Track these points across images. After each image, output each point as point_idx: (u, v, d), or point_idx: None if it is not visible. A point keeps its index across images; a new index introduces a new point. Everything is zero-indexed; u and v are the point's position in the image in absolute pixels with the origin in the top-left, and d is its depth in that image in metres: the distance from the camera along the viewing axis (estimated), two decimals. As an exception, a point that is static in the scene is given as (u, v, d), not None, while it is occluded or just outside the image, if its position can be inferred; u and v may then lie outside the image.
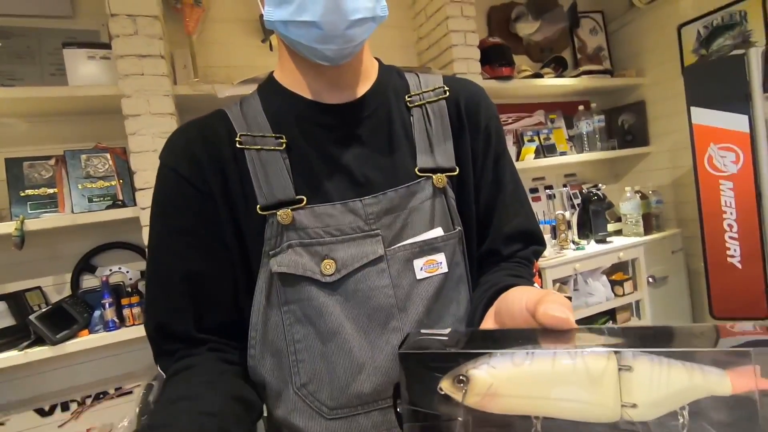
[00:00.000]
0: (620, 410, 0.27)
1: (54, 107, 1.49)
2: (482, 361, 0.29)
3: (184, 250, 0.49)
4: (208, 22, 1.81)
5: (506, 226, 0.56)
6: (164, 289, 0.48)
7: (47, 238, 1.53)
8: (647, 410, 0.27)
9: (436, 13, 1.98)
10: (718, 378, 0.26)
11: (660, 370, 0.27)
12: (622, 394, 0.27)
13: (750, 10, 2.01)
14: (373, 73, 0.56)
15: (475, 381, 0.29)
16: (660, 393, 0.27)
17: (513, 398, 0.29)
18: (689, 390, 0.27)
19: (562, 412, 0.28)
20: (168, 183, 0.49)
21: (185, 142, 0.50)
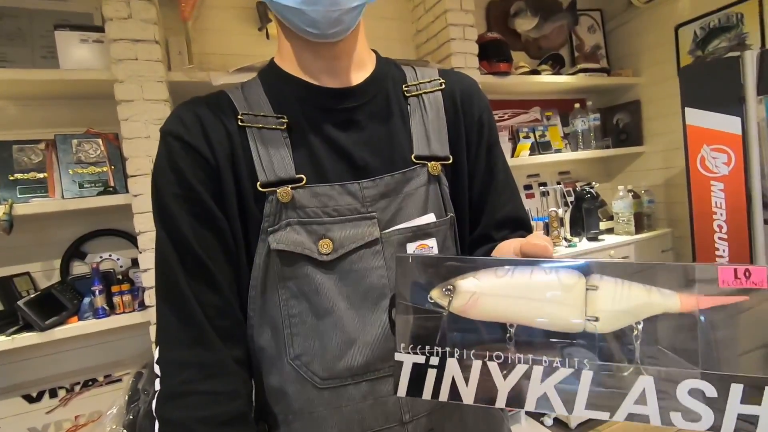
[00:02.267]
0: (584, 323, 0.32)
1: (45, 90, 1.46)
2: (469, 274, 0.34)
3: (197, 226, 0.48)
4: (204, 8, 1.78)
5: (498, 213, 0.58)
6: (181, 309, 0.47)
7: (36, 224, 1.51)
8: (607, 324, 0.32)
9: (435, 5, 1.97)
10: (670, 297, 0.30)
11: (622, 289, 0.31)
12: (587, 309, 0.32)
13: (747, 12, 2.02)
14: (371, 63, 0.57)
15: (460, 290, 0.33)
16: (620, 307, 0.31)
17: (492, 306, 0.33)
18: (646, 306, 0.31)
19: (534, 321, 0.33)
20: (173, 151, 0.48)
21: (193, 113, 0.50)
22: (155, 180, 0.49)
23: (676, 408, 0.30)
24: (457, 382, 0.34)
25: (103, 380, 1.58)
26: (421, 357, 0.34)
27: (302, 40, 0.50)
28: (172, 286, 0.47)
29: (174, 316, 0.47)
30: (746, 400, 0.29)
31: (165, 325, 0.48)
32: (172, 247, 0.47)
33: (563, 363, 0.32)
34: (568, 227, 2.18)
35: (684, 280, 0.31)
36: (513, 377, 0.33)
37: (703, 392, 0.30)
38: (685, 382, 0.30)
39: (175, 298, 0.47)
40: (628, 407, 0.31)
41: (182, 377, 0.46)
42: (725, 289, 0.29)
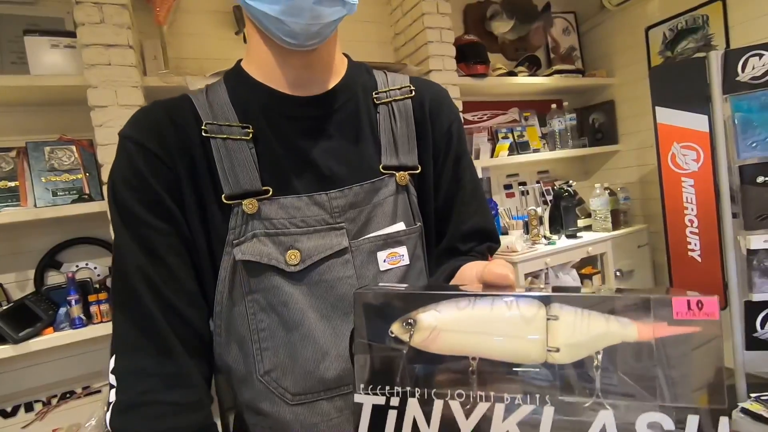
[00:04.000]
0: (546, 354, 0.31)
1: (15, 97, 1.43)
2: (430, 307, 0.33)
3: (157, 230, 0.46)
4: (180, 12, 1.77)
5: (464, 225, 0.58)
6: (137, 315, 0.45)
7: (8, 233, 1.47)
8: (568, 354, 0.31)
9: (413, 9, 1.99)
10: (628, 327, 0.31)
11: (582, 318, 0.31)
12: (548, 340, 0.31)
13: (711, 14, 2.10)
14: (342, 69, 0.56)
15: (421, 324, 0.33)
16: (580, 338, 0.31)
17: (453, 339, 0.33)
18: (605, 335, 0.31)
19: (496, 354, 0.32)
20: (134, 156, 0.46)
21: (153, 120, 0.48)
22: (113, 185, 0.47)
23: None
24: (418, 424, 0.33)
25: (82, 392, 1.55)
26: (381, 398, 0.33)
27: (276, 47, 0.49)
28: (131, 293, 0.45)
29: (133, 324, 0.45)
30: (702, 431, 0.29)
31: (123, 333, 0.45)
32: (132, 253, 0.45)
33: (525, 399, 0.31)
34: (547, 225, 2.22)
35: (641, 310, 0.31)
36: (475, 416, 0.32)
37: (661, 425, 0.29)
38: (644, 415, 0.30)
39: (135, 306, 0.45)
40: None
41: (142, 387, 0.44)
42: (683, 321, 0.30)
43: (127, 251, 0.46)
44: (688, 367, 0.30)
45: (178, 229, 0.47)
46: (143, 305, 0.45)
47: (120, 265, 0.46)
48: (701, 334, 0.30)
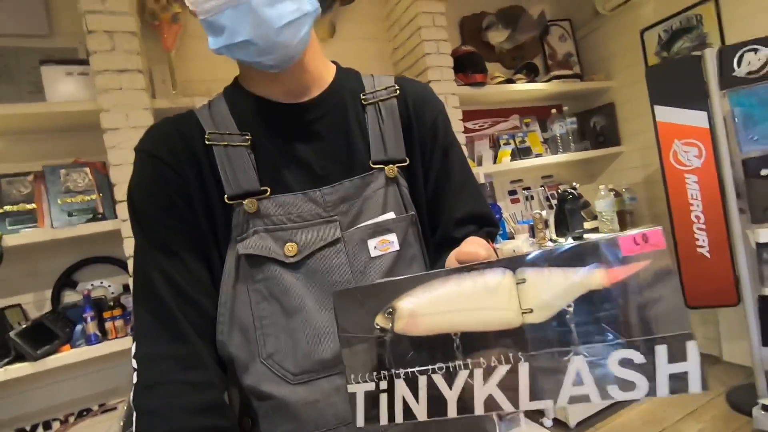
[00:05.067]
0: (521, 316, 0.33)
1: (32, 124, 1.50)
2: (405, 294, 0.35)
3: (171, 229, 0.51)
4: (186, 37, 1.84)
5: (457, 212, 0.60)
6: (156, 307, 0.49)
7: (27, 255, 1.52)
8: (541, 313, 0.33)
9: (409, 23, 2.05)
10: (590, 275, 0.32)
11: (547, 277, 0.33)
12: (520, 302, 0.33)
13: (705, 14, 2.13)
14: (329, 76, 0.60)
15: (400, 310, 0.35)
16: (549, 295, 0.33)
17: (432, 321, 0.34)
18: (571, 288, 0.32)
19: (475, 326, 0.34)
20: (148, 166, 0.52)
21: (163, 133, 0.54)
22: (132, 193, 0.52)
23: (611, 381, 0.31)
24: (408, 402, 0.34)
25: (98, 409, 1.57)
26: (371, 384, 0.35)
27: (262, 71, 0.53)
28: (149, 285, 0.50)
29: (152, 314, 0.49)
30: (673, 359, 0.30)
31: (142, 322, 0.50)
32: (150, 251, 0.50)
33: (500, 361, 0.33)
34: (553, 228, 2.22)
35: (599, 257, 0.32)
36: (457, 385, 0.34)
37: (632, 360, 0.31)
38: (614, 353, 0.31)
39: (153, 298, 0.49)
40: (568, 391, 0.32)
41: (159, 369, 0.48)
42: (632, 256, 0.31)
43: (145, 249, 0.51)
44: (650, 300, 0.31)
45: (189, 227, 0.52)
46: (160, 296, 0.49)
47: (139, 262, 0.51)
48: (653, 266, 0.31)
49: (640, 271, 0.31)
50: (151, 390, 0.47)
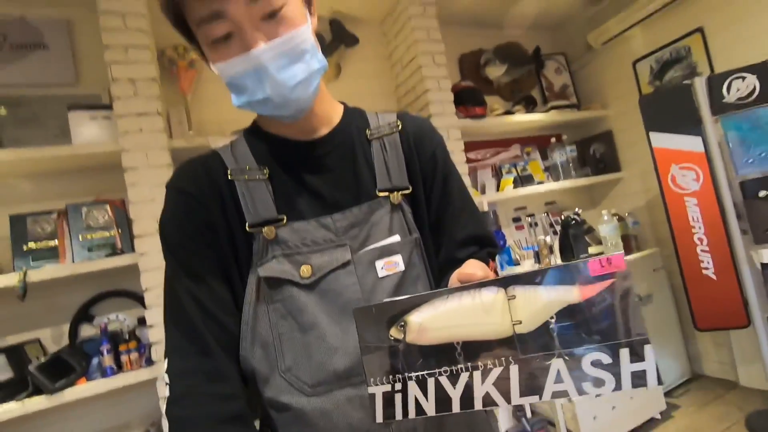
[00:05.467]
0: (512, 327, 0.39)
1: (57, 166, 1.59)
2: (415, 310, 0.41)
3: (198, 255, 0.56)
4: (201, 82, 1.97)
5: (458, 234, 0.65)
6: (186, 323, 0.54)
7: (47, 290, 1.58)
8: (528, 324, 0.39)
9: (411, 62, 2.17)
10: (568, 292, 0.38)
11: (533, 293, 0.39)
12: (511, 315, 0.39)
13: (693, 45, 2.23)
14: (337, 116, 0.67)
15: (410, 324, 0.41)
16: (535, 309, 0.39)
17: (438, 333, 0.40)
18: (553, 303, 0.39)
19: (473, 336, 0.40)
20: (177, 199, 0.58)
21: (190, 171, 0.60)
22: (163, 224, 0.58)
23: (585, 379, 0.37)
24: (419, 399, 0.40)
25: (111, 444, 1.58)
26: (387, 386, 0.41)
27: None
28: (179, 307, 0.55)
29: (181, 333, 0.54)
30: (634, 359, 0.36)
31: (173, 340, 0.55)
32: (179, 276, 0.56)
33: (495, 364, 0.39)
34: (558, 254, 2.25)
35: (574, 277, 0.38)
36: (460, 385, 0.40)
37: (601, 361, 0.37)
38: (587, 356, 0.37)
39: (181, 317, 0.54)
40: (550, 387, 0.38)
41: (189, 382, 0.52)
42: (599, 276, 0.38)
43: (175, 274, 0.56)
44: (615, 311, 0.37)
45: (214, 254, 0.57)
46: (188, 316, 0.54)
47: (169, 285, 0.56)
48: (617, 284, 0.37)
49: (606, 289, 0.38)
50: (181, 401, 0.52)
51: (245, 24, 0.51)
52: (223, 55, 0.53)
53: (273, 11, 0.51)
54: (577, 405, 1.75)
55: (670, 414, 2.04)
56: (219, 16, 0.50)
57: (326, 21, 2.16)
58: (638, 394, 1.92)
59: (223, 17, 0.50)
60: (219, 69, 0.54)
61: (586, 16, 2.66)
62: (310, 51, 0.56)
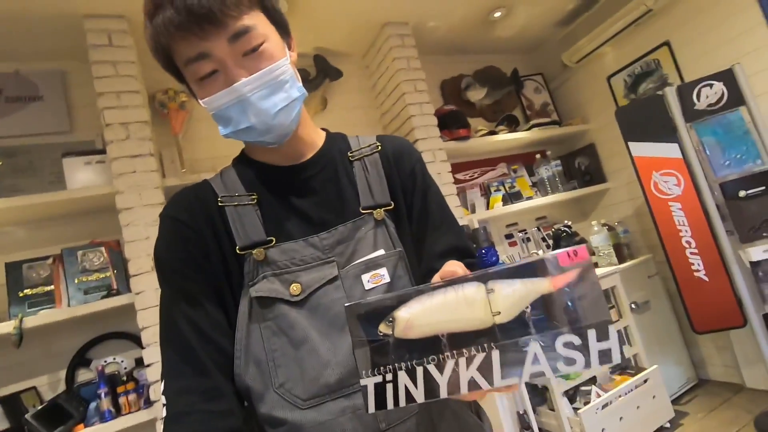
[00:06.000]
0: (492, 318, 0.42)
1: (53, 211, 1.62)
2: (402, 306, 0.44)
3: (192, 280, 0.59)
4: (192, 122, 2.03)
5: (437, 247, 0.68)
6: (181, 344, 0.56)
7: (43, 336, 1.58)
8: (506, 314, 0.42)
9: (394, 91, 2.26)
10: (541, 283, 0.42)
11: (510, 286, 0.42)
12: (491, 308, 0.42)
13: (661, 58, 2.33)
14: (320, 141, 0.71)
15: (399, 319, 0.43)
16: (512, 300, 0.42)
17: (424, 328, 0.43)
18: (528, 294, 0.42)
19: (457, 328, 0.43)
20: (171, 227, 0.61)
21: (182, 200, 0.63)
22: (158, 251, 0.61)
23: (559, 359, 0.40)
24: (408, 388, 0.43)
25: (111, 492, 1.53)
26: (378, 377, 0.43)
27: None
28: (175, 330, 0.57)
29: (176, 353, 0.56)
30: (600, 339, 0.40)
31: (169, 361, 0.56)
32: (175, 301, 0.58)
33: (477, 350, 0.42)
34: (553, 267, 2.26)
35: (546, 269, 0.42)
36: (447, 371, 0.42)
37: (572, 342, 0.40)
38: (559, 338, 0.41)
39: (177, 339, 0.56)
40: (528, 369, 0.41)
41: (186, 401, 0.54)
42: (567, 267, 0.41)
43: (169, 298, 0.59)
44: (582, 298, 0.41)
45: (207, 277, 0.60)
46: (183, 337, 0.56)
47: (164, 309, 0.59)
48: (582, 273, 0.41)
49: (574, 278, 0.41)
50: (178, 420, 0.53)
51: (228, 61, 0.55)
52: (209, 91, 0.57)
53: (253, 48, 0.56)
54: (584, 418, 1.72)
55: (679, 422, 2.01)
56: (204, 56, 0.55)
57: (310, 57, 2.25)
58: (645, 404, 1.90)
59: (207, 57, 0.55)
60: (206, 103, 0.58)
61: (559, 37, 2.79)
62: (290, 81, 0.60)
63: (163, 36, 0.54)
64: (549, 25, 2.68)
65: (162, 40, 0.55)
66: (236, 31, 0.55)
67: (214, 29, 0.53)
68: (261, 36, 0.57)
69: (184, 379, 0.55)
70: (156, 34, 0.55)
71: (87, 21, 1.61)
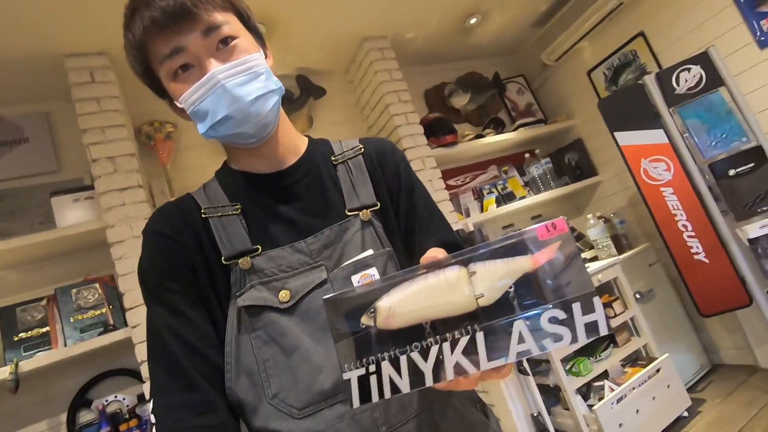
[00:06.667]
0: (475, 301, 0.40)
1: (44, 252, 1.60)
2: (384, 296, 0.42)
3: (178, 293, 0.57)
4: (179, 151, 2.03)
5: (426, 243, 0.67)
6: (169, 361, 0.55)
7: (41, 379, 1.54)
8: (489, 296, 0.40)
9: (378, 103, 2.27)
10: (523, 261, 0.40)
11: (492, 267, 0.41)
12: (474, 290, 0.40)
13: (638, 48, 2.37)
14: (302, 146, 0.71)
15: (380, 309, 0.41)
16: (494, 281, 0.40)
17: (406, 317, 0.41)
18: (510, 273, 0.40)
19: (441, 314, 0.41)
20: (154, 242, 0.60)
21: (165, 214, 0.62)
22: (140, 267, 0.60)
23: (545, 336, 0.39)
24: (393, 378, 0.41)
25: None
26: (362, 369, 0.41)
27: (243, 148, 0.64)
28: (161, 345, 0.55)
29: (165, 371, 0.54)
30: (585, 312, 0.39)
31: (157, 378, 0.55)
32: (160, 314, 0.56)
33: (461, 333, 0.40)
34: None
35: (527, 246, 0.41)
36: (431, 358, 0.40)
37: (557, 317, 0.39)
38: (544, 314, 0.39)
39: (164, 354, 0.55)
40: (514, 349, 0.39)
41: (175, 417, 0.52)
42: (547, 240, 0.40)
43: (155, 313, 0.57)
44: (565, 272, 0.40)
45: (192, 289, 0.58)
46: (170, 352, 0.55)
47: (151, 325, 0.57)
48: (563, 246, 0.40)
49: (555, 253, 0.40)
50: None
51: (202, 54, 0.57)
52: (185, 88, 0.58)
53: (224, 38, 0.58)
54: (599, 414, 1.68)
55: (697, 409, 1.97)
56: (178, 50, 0.56)
57: (293, 78, 2.28)
58: (660, 394, 1.86)
59: (182, 51, 0.56)
60: (183, 100, 0.58)
61: (536, 38, 2.83)
62: (266, 74, 0.60)
63: (140, 36, 0.56)
64: (524, 26, 2.73)
65: (139, 40, 0.56)
66: (209, 25, 0.56)
67: (187, 24, 0.55)
68: (233, 31, 0.59)
69: (172, 394, 0.53)
70: (133, 38, 0.57)
71: (68, 60, 1.63)
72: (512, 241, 0.41)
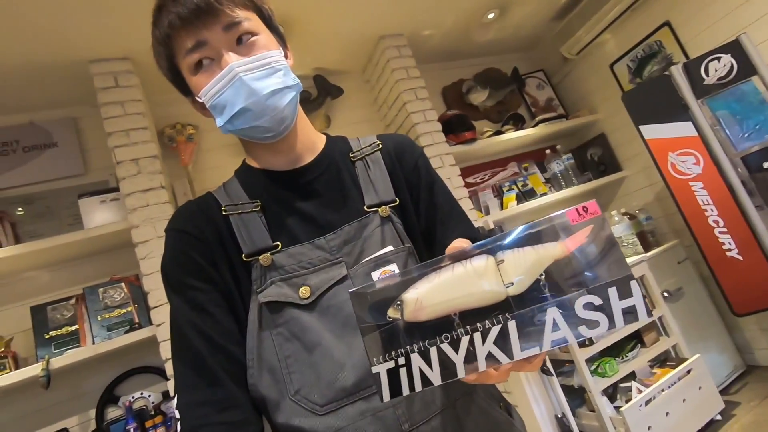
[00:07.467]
0: (505, 291, 0.39)
1: (72, 252, 1.65)
2: (410, 287, 0.41)
3: (201, 289, 0.58)
4: (200, 152, 2.07)
5: (448, 239, 0.65)
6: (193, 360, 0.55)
7: (71, 377, 1.59)
8: (520, 284, 0.39)
9: (395, 101, 2.26)
10: (554, 248, 0.39)
11: (521, 255, 0.39)
12: (503, 279, 0.39)
13: (663, 38, 2.29)
14: (321, 143, 0.71)
15: (407, 301, 0.40)
16: (524, 269, 0.39)
17: (434, 309, 0.40)
18: (540, 261, 0.39)
19: (469, 304, 0.40)
20: (176, 239, 0.60)
21: (186, 212, 0.63)
22: (163, 265, 0.60)
23: (580, 323, 0.37)
24: (423, 371, 0.40)
25: None
26: (391, 362, 0.40)
27: (263, 144, 0.65)
28: (185, 342, 0.56)
29: (189, 367, 0.55)
30: (622, 297, 0.37)
31: (181, 375, 0.55)
32: (183, 311, 0.57)
33: (492, 322, 0.39)
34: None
35: (557, 232, 0.39)
36: (462, 349, 0.39)
37: (593, 303, 0.37)
38: (578, 300, 0.38)
39: (188, 351, 0.55)
40: (548, 337, 0.38)
41: (200, 413, 0.53)
42: (578, 224, 0.38)
43: (179, 310, 0.58)
44: (598, 256, 0.38)
45: (215, 286, 0.59)
46: (194, 349, 0.55)
47: (174, 321, 0.58)
48: (595, 230, 0.38)
49: (587, 237, 0.38)
50: None
51: (222, 48, 0.58)
52: (205, 81, 0.59)
53: (245, 33, 0.59)
54: (627, 416, 1.63)
55: (731, 412, 1.89)
56: (201, 44, 0.58)
57: (310, 78, 2.29)
58: (691, 396, 1.80)
59: (204, 45, 0.58)
60: (203, 94, 0.59)
61: (556, 31, 2.78)
62: (284, 70, 0.61)
63: (165, 30, 0.57)
64: (544, 20, 2.67)
65: (164, 35, 0.58)
66: (230, 21, 0.58)
67: (210, 19, 0.57)
68: (254, 28, 0.60)
69: (196, 391, 0.54)
70: (159, 34, 0.59)
71: (93, 66, 1.67)
72: (542, 228, 0.39)
